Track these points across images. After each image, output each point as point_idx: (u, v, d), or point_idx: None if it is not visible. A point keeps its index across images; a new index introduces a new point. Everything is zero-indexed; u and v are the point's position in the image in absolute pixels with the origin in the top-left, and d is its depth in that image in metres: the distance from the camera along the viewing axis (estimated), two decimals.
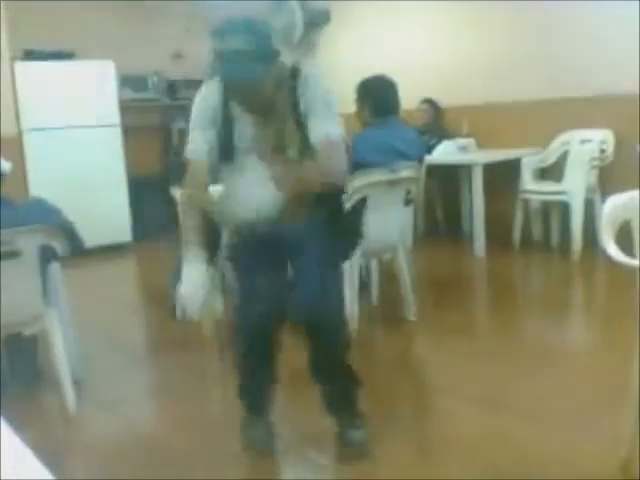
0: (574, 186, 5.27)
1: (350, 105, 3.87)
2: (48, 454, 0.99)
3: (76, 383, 3.11)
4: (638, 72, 5.02)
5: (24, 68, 6.37)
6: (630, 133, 5.07)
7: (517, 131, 5.93)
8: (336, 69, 6.97)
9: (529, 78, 5.86)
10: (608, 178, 5.32)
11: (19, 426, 1.05)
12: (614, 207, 2.24)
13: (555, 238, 5.70)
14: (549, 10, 5.66)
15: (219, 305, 3.74)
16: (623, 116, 5.17)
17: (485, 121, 6.09)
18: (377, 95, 3.83)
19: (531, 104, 5.85)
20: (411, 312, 4.01)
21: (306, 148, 2.33)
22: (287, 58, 2.49)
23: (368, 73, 3.99)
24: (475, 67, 6.25)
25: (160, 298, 4.81)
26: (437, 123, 6.45)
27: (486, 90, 6.14)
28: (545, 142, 5.71)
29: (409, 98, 4.86)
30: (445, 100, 6.40)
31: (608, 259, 2.09)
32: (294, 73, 2.36)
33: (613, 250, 2.10)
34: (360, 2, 7.12)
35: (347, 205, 3.53)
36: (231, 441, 2.64)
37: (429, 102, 6.46)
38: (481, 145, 6.07)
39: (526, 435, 2.58)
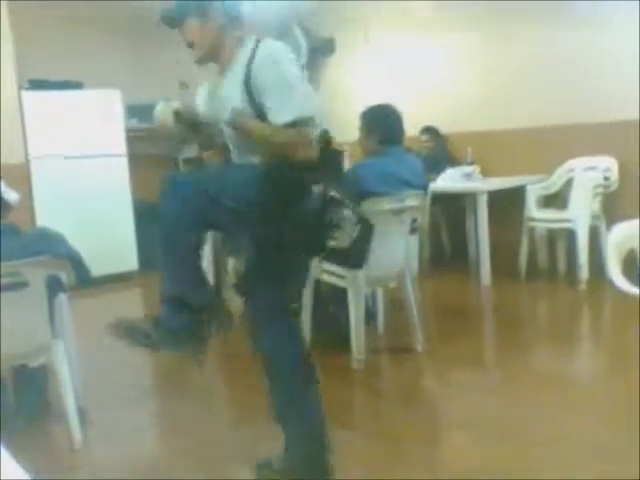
0: (579, 214, 5.26)
1: (351, 133, 3.89)
2: None
3: (82, 413, 3.09)
4: None
5: (31, 97, 6.42)
6: (634, 160, 5.09)
7: (521, 158, 5.95)
8: (339, 97, 7.04)
9: (533, 106, 5.89)
10: (612, 205, 5.32)
11: (23, 457, 1.05)
12: (620, 235, 2.24)
13: (561, 266, 5.68)
14: (553, 39, 5.71)
15: None
16: (627, 143, 5.19)
17: (489, 148, 6.11)
18: (384, 124, 3.80)
19: (535, 131, 5.87)
20: (418, 342, 3.98)
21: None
22: None
23: (372, 101, 4.01)
24: (479, 95, 6.29)
25: None
26: (442, 150, 6.46)
27: (490, 117, 6.17)
28: (549, 169, 5.72)
29: (414, 126, 4.89)
30: (449, 127, 6.43)
31: (615, 288, 2.08)
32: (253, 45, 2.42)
33: (618, 279, 2.10)
34: (364, 31, 7.18)
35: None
36: (234, 472, 2.62)
37: (429, 130, 6.45)
38: (486, 172, 6.08)
39: (536, 467, 2.55)
